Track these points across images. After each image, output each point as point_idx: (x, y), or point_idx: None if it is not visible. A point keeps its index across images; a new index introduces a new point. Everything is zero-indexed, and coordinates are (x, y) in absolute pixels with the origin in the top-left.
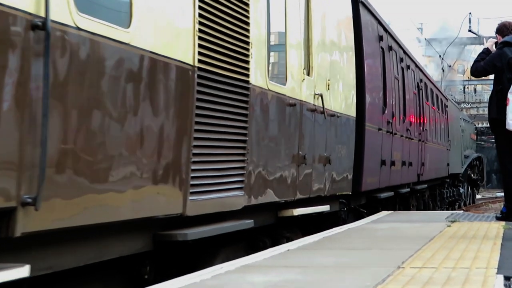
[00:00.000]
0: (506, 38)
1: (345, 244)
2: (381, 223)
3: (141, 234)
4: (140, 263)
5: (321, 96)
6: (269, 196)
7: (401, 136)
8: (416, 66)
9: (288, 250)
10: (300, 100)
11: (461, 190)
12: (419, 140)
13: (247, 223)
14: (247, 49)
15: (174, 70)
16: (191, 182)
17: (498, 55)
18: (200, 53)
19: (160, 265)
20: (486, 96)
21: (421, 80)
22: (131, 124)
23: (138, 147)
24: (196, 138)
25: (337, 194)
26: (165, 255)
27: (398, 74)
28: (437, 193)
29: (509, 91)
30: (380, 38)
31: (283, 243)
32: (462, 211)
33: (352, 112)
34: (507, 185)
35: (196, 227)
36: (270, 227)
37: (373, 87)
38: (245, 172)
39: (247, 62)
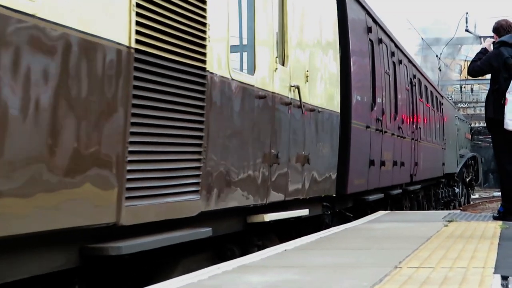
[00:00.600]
0: (503, 38)
1: (342, 244)
2: (378, 223)
3: (63, 248)
4: (69, 282)
5: (298, 88)
6: (234, 200)
7: (392, 134)
8: (409, 61)
9: (285, 250)
10: (272, 92)
11: (457, 190)
12: (412, 139)
13: (203, 231)
14: (203, 31)
15: (101, 51)
16: (127, 185)
17: (495, 54)
18: (138, 32)
19: (95, 284)
20: (483, 96)
21: (414, 76)
22: (41, 116)
23: (54, 143)
24: (133, 133)
25: (320, 196)
26: (105, 271)
27: (389, 69)
28: (432, 194)
29: (508, 91)
30: (369, 30)
31: (254, 251)
32: (459, 210)
33: (336, 108)
34: (504, 185)
35: (136, 238)
36: (241, 234)
37: (360, 82)
38: (201, 173)
39: (203, 46)
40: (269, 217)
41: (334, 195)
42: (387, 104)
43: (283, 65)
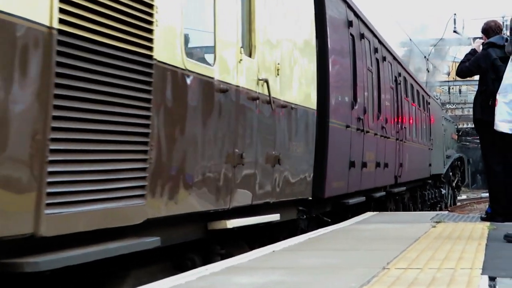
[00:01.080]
0: (491, 39)
1: (330, 245)
2: (366, 224)
3: None
4: None
5: (267, 82)
6: (190, 205)
7: (375, 134)
8: (394, 58)
9: (273, 251)
10: (236, 86)
11: (443, 191)
12: (397, 139)
13: (149, 242)
14: (149, 14)
15: (12, 32)
16: (48, 190)
17: (483, 56)
18: (63, 11)
19: None
20: (471, 97)
21: (399, 74)
22: None
23: None
24: (55, 129)
25: (295, 200)
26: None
27: (371, 66)
28: (418, 195)
29: (498, 92)
30: (350, 24)
31: (217, 260)
32: (447, 211)
33: (312, 104)
34: (492, 186)
35: (62, 251)
36: (204, 242)
37: (340, 78)
38: (147, 174)
39: (149, 30)
40: (233, 223)
41: (310, 198)
42: (369, 103)
43: (250, 56)
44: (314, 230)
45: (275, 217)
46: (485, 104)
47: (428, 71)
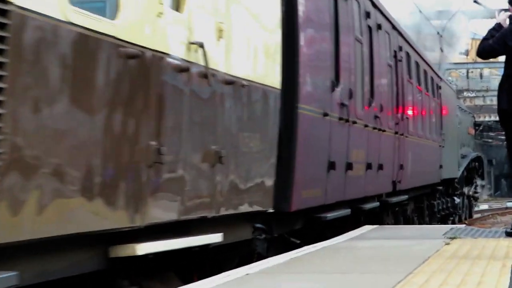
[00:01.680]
0: None
1: (317, 267)
2: (363, 241)
3: None
4: None
5: (203, 46)
6: (72, 223)
7: (366, 126)
8: (394, 27)
9: (247, 274)
10: (153, 50)
11: (457, 200)
12: (396, 133)
13: None
14: None
15: None
16: None
17: (510, 31)
18: None
19: None
20: (495, 83)
21: (400, 48)
22: None
23: None
24: None
25: (248, 213)
26: None
27: (361, 35)
28: (425, 206)
29: None
30: None
31: None
32: (463, 225)
33: (274, 83)
34: None
35: None
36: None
37: (315, 49)
38: None
39: None
40: (145, 248)
41: (271, 211)
42: (357, 84)
43: (177, 10)
44: (275, 255)
45: (214, 238)
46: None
47: (442, 51)
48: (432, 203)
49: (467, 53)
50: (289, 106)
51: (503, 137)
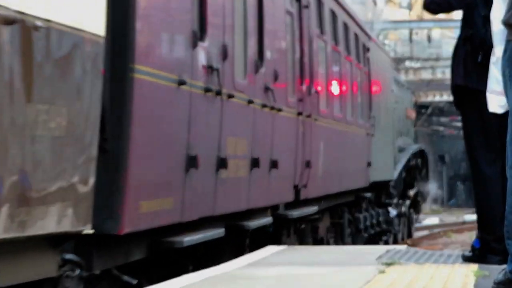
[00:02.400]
0: None
1: None
2: (266, 268)
3: None
4: None
5: None
6: None
7: (250, 102)
8: None
9: None
10: None
11: (392, 212)
12: (300, 114)
13: None
14: None
15: None
16: None
17: None
18: None
19: None
20: (448, 49)
21: None
22: None
23: None
24: None
25: (46, 236)
26: None
27: None
28: (345, 221)
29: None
30: None
31: None
32: (405, 246)
33: (93, 28)
34: (482, 201)
35: None
36: None
37: None
38: None
39: None
40: None
41: (90, 231)
42: (236, 38)
43: None
44: None
45: None
46: (471, 60)
47: (375, 3)
48: (356, 217)
49: (410, 7)
50: (119, 67)
51: (459, 124)
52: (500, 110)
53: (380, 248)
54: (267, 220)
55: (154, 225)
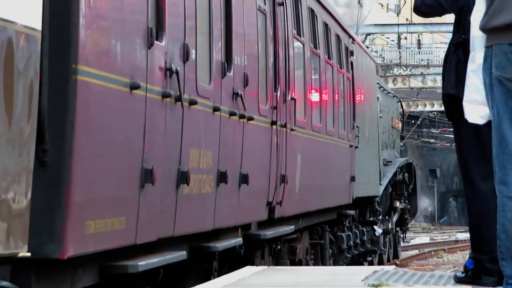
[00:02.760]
0: None
1: None
2: None
3: None
4: None
5: None
6: None
7: (216, 110)
8: None
9: None
10: None
11: (378, 231)
12: (274, 123)
13: None
14: None
15: None
16: None
17: None
18: None
19: None
20: (439, 55)
21: None
22: None
23: None
24: None
25: None
26: None
27: None
28: (326, 242)
29: (471, 45)
30: None
31: None
32: (393, 266)
33: (26, 20)
34: (477, 219)
35: None
36: None
37: None
38: None
39: None
40: None
41: (27, 255)
42: (200, 38)
43: None
44: None
45: None
46: (463, 66)
47: (361, 6)
48: (338, 237)
49: (398, 10)
50: (59, 68)
51: (452, 136)
52: (481, 121)
53: (367, 269)
54: (236, 241)
55: (104, 247)
